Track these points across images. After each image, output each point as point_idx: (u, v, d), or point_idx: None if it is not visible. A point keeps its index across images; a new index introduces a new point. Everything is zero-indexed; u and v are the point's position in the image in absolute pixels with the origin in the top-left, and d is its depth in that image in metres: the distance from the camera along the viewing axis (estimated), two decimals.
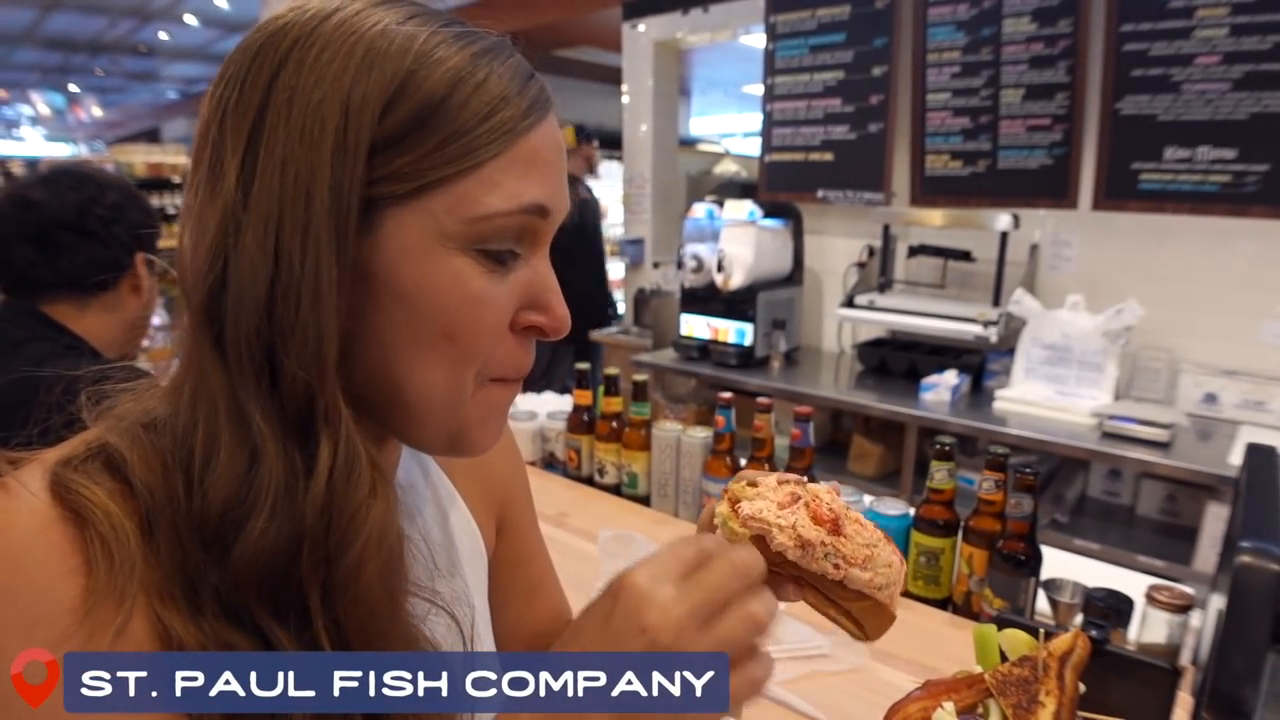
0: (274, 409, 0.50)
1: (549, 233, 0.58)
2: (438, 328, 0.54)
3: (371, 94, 0.51)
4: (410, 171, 0.51)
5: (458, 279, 0.53)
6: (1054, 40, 2.87)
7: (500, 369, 0.58)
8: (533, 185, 0.55)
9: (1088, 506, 2.81)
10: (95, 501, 0.48)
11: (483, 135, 0.52)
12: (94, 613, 0.45)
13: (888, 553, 0.60)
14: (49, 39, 8.33)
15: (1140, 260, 2.89)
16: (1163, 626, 1.15)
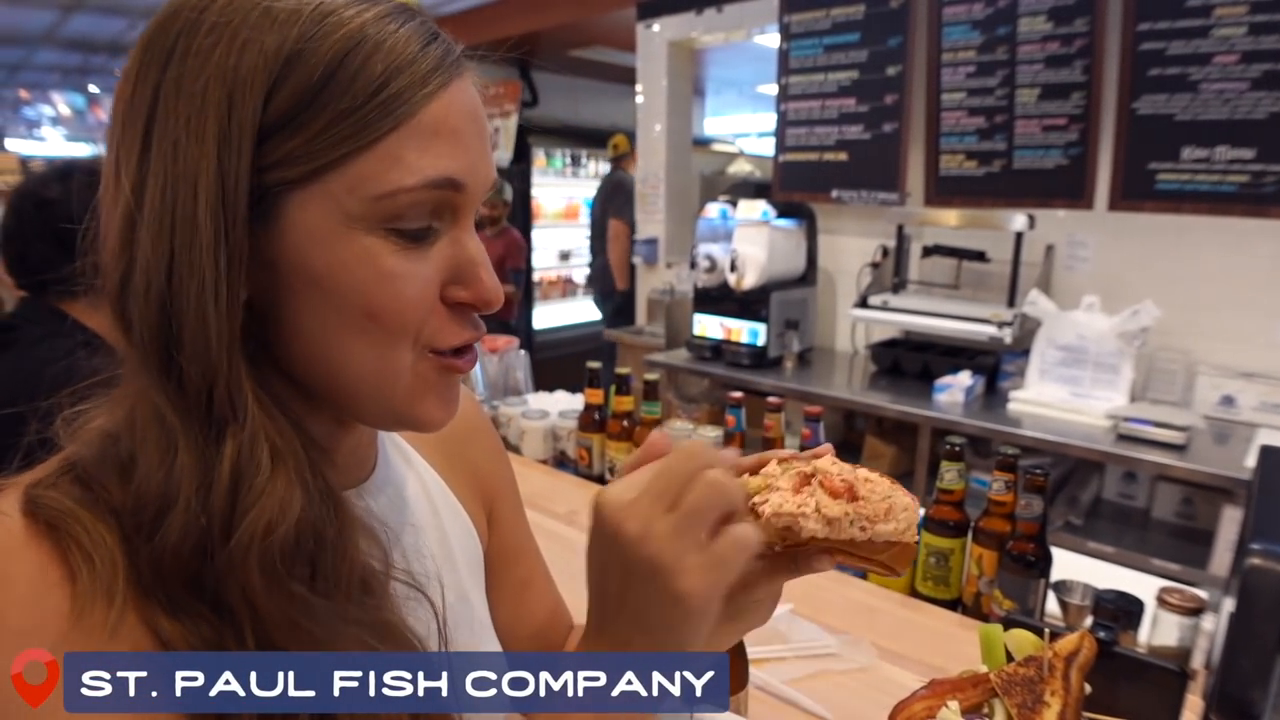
0: (181, 403, 0.49)
1: (469, 205, 0.56)
2: (357, 308, 0.52)
3: (254, 76, 0.49)
4: (303, 154, 0.50)
5: (368, 258, 0.52)
6: (1070, 39, 2.85)
7: (436, 340, 0.56)
8: (438, 157, 0.52)
9: (1102, 509, 2.79)
10: (66, 511, 0.48)
11: (375, 109, 0.50)
12: (85, 616, 0.46)
13: (902, 498, 0.60)
14: (69, 40, 8.41)
15: (1157, 261, 2.87)
16: (1174, 629, 1.14)
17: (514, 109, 6.04)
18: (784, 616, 1.27)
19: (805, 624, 1.26)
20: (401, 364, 0.55)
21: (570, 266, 7.33)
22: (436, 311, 0.55)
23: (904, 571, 0.63)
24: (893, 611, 1.36)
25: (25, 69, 10.23)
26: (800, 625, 1.26)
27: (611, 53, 5.82)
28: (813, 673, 1.16)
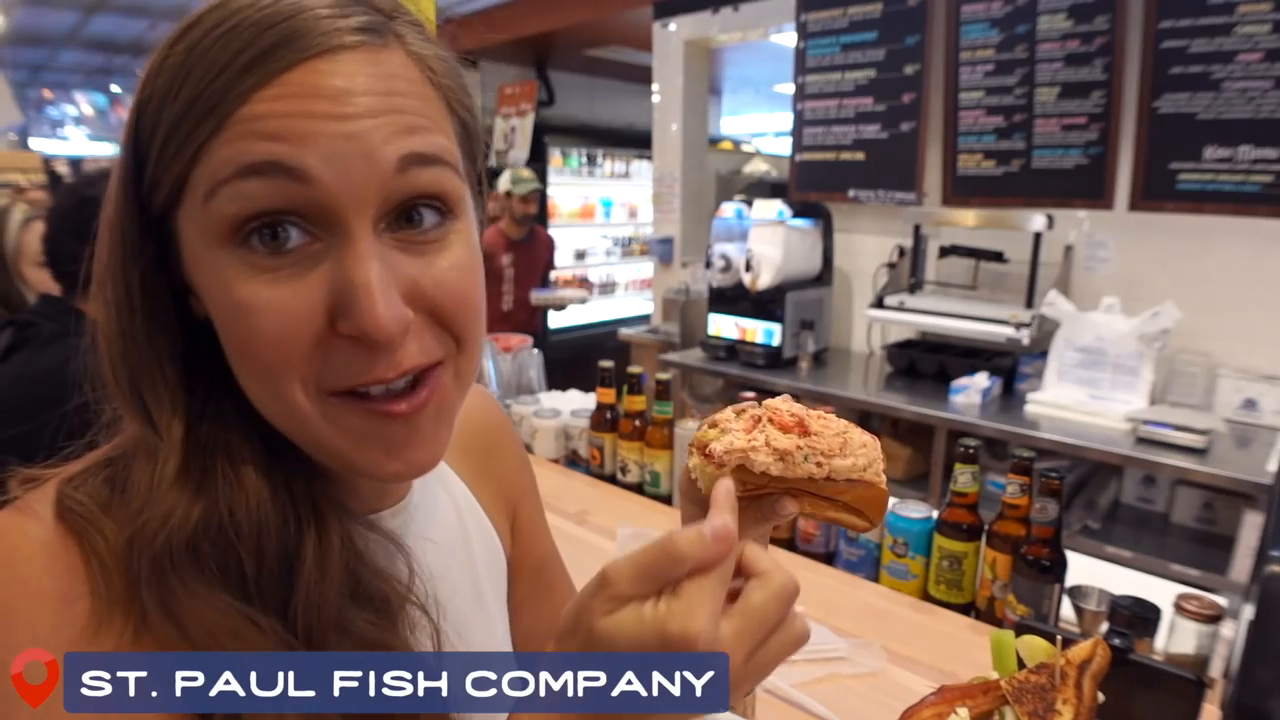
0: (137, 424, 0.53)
1: (349, 206, 0.47)
2: (232, 342, 0.50)
3: (136, 102, 0.50)
4: (159, 179, 0.49)
5: (223, 285, 0.48)
6: (1090, 37, 2.82)
7: (326, 381, 0.50)
8: (260, 140, 0.46)
9: (1121, 513, 2.76)
10: (89, 518, 0.49)
11: (194, 115, 0.46)
12: (105, 628, 0.46)
13: (859, 434, 0.59)
14: (92, 41, 8.50)
15: (1178, 262, 2.83)
16: (1191, 637, 1.12)
17: (530, 108, 6.04)
18: None
19: (815, 626, 1.25)
20: (299, 406, 0.50)
21: (586, 266, 7.34)
22: (324, 347, 0.49)
23: (877, 520, 0.61)
24: (904, 615, 1.34)
25: (49, 69, 10.36)
26: (810, 628, 1.24)
27: (628, 52, 5.81)
28: (822, 676, 1.15)
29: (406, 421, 0.52)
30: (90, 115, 11.99)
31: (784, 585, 0.50)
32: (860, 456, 0.58)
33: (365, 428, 0.51)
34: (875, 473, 0.58)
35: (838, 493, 0.59)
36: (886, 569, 1.46)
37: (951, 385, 2.88)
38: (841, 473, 0.57)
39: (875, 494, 0.59)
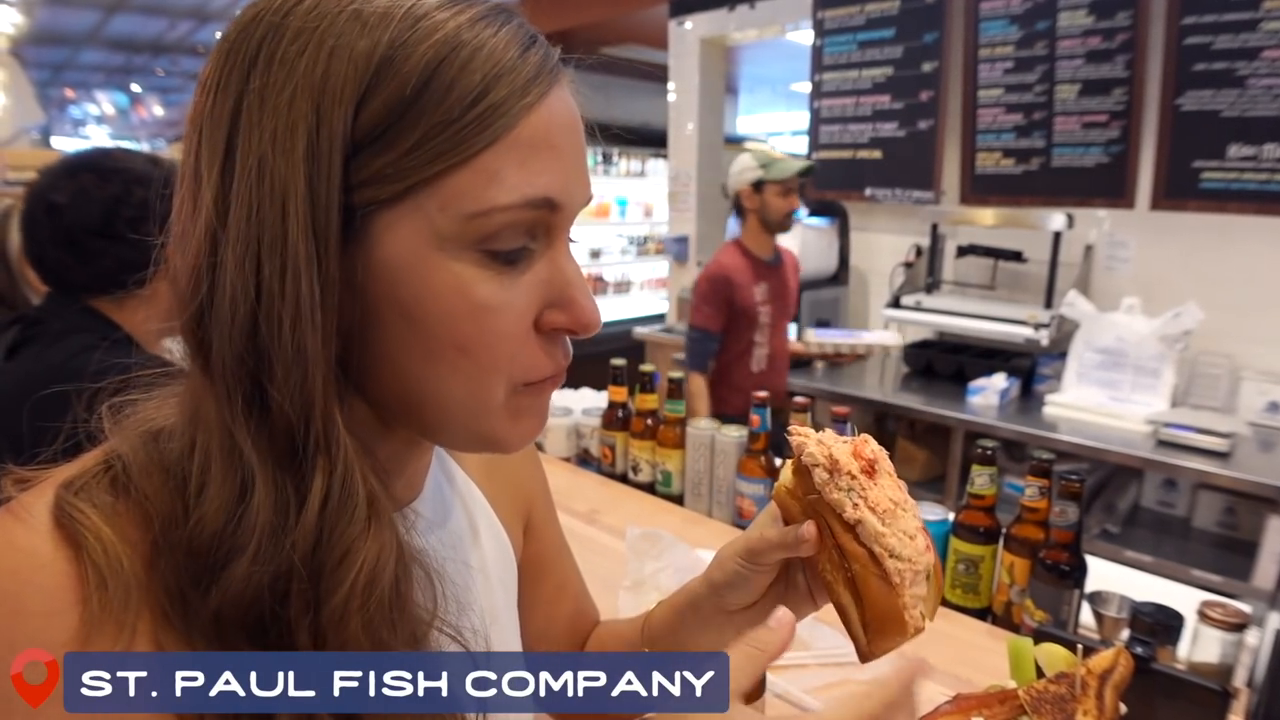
0: (264, 439, 0.46)
1: (565, 225, 0.52)
2: (447, 341, 0.49)
3: (344, 87, 0.45)
4: (393, 172, 0.46)
5: (460, 287, 0.48)
6: (1112, 34, 2.78)
7: (530, 374, 0.53)
8: (538, 174, 0.48)
9: (1141, 517, 2.71)
10: (89, 527, 0.46)
11: (473, 121, 0.46)
12: (93, 642, 0.44)
13: (916, 529, 0.57)
14: (112, 40, 8.58)
15: (1200, 262, 2.78)
16: (1215, 645, 1.09)
17: None
18: (806, 622, 1.23)
19: (828, 630, 1.23)
20: (494, 398, 0.52)
21: (601, 265, 7.33)
22: (530, 341, 0.52)
23: (877, 649, 0.59)
24: None
25: (70, 68, 10.47)
26: (822, 631, 1.22)
27: (644, 50, 5.79)
28: (833, 681, 1.13)
29: (548, 399, 0.56)
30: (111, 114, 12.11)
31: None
32: (899, 541, 0.56)
33: (532, 407, 0.55)
34: (901, 577, 0.56)
35: (854, 559, 0.57)
36: None
37: (969, 386, 2.85)
38: (869, 533, 0.56)
39: (891, 621, 0.57)
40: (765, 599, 0.69)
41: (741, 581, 0.68)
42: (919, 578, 0.57)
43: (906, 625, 0.57)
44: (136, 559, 0.46)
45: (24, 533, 0.46)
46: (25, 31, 7.77)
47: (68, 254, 1.33)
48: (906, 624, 0.57)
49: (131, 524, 0.47)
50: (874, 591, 0.57)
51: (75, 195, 1.32)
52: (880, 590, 0.56)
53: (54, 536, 0.46)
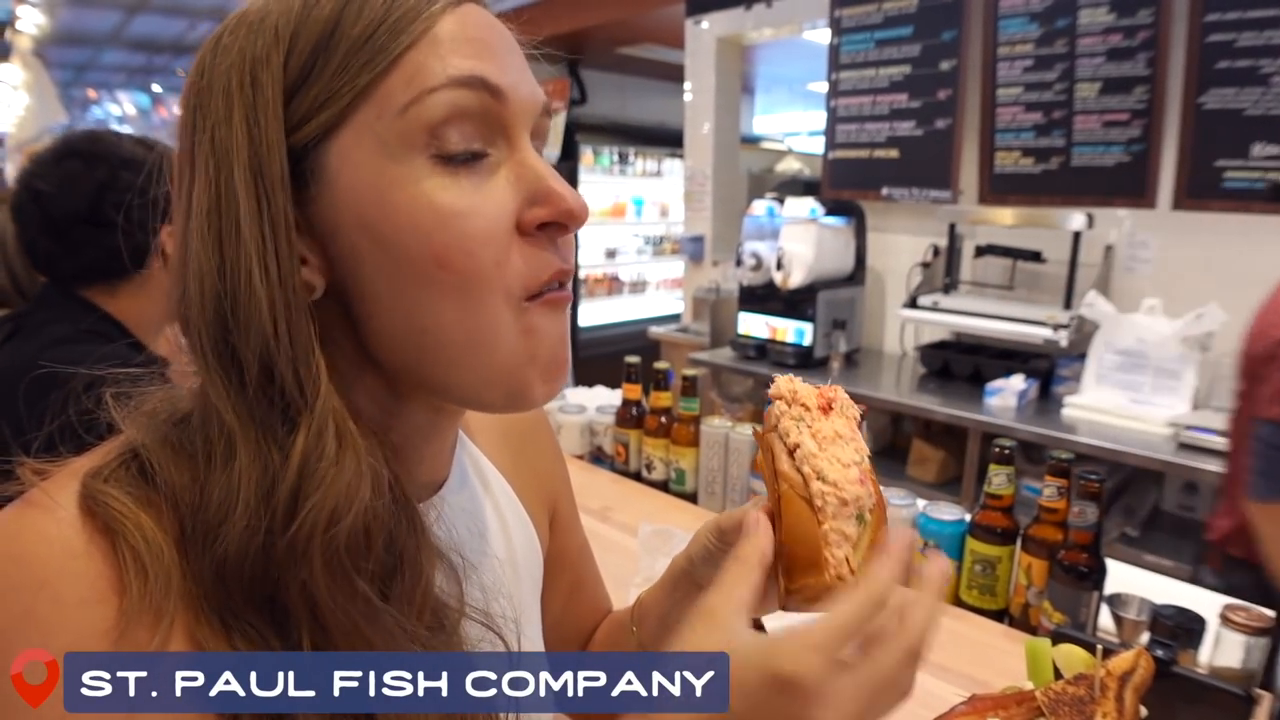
0: (243, 402, 0.47)
1: (519, 121, 0.52)
2: (425, 258, 0.48)
3: (270, 47, 0.48)
4: (326, 97, 0.48)
5: (422, 197, 0.48)
6: (1133, 31, 2.75)
7: (527, 281, 0.51)
8: (464, 58, 0.49)
9: (1161, 521, 2.68)
10: (126, 514, 0.46)
11: (386, 31, 0.48)
12: (128, 635, 0.43)
13: (853, 463, 0.56)
14: (134, 41, 8.66)
15: (1223, 262, 2.74)
16: (1238, 649, 1.07)
17: (562, 106, 6.05)
18: None
19: None
20: (496, 317, 0.50)
21: (616, 265, 7.33)
22: (515, 245, 0.51)
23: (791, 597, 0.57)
24: None
25: (92, 69, 10.58)
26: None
27: (660, 50, 5.78)
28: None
29: (563, 316, 0.55)
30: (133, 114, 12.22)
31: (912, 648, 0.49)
32: (829, 465, 0.55)
33: (546, 329, 0.53)
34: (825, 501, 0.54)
35: (785, 485, 0.56)
36: None
37: (986, 387, 2.82)
38: (802, 455, 0.56)
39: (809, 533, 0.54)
40: None
41: (712, 557, 0.67)
42: (845, 511, 0.54)
43: (825, 562, 0.53)
44: (171, 545, 0.46)
45: (53, 523, 0.45)
46: (48, 32, 7.86)
47: (56, 243, 1.30)
48: (825, 561, 0.53)
49: (161, 512, 0.47)
50: (795, 515, 0.55)
51: (61, 182, 1.28)
52: (803, 513, 0.55)
53: (86, 526, 0.45)
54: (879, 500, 0.57)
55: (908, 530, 0.49)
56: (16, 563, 0.44)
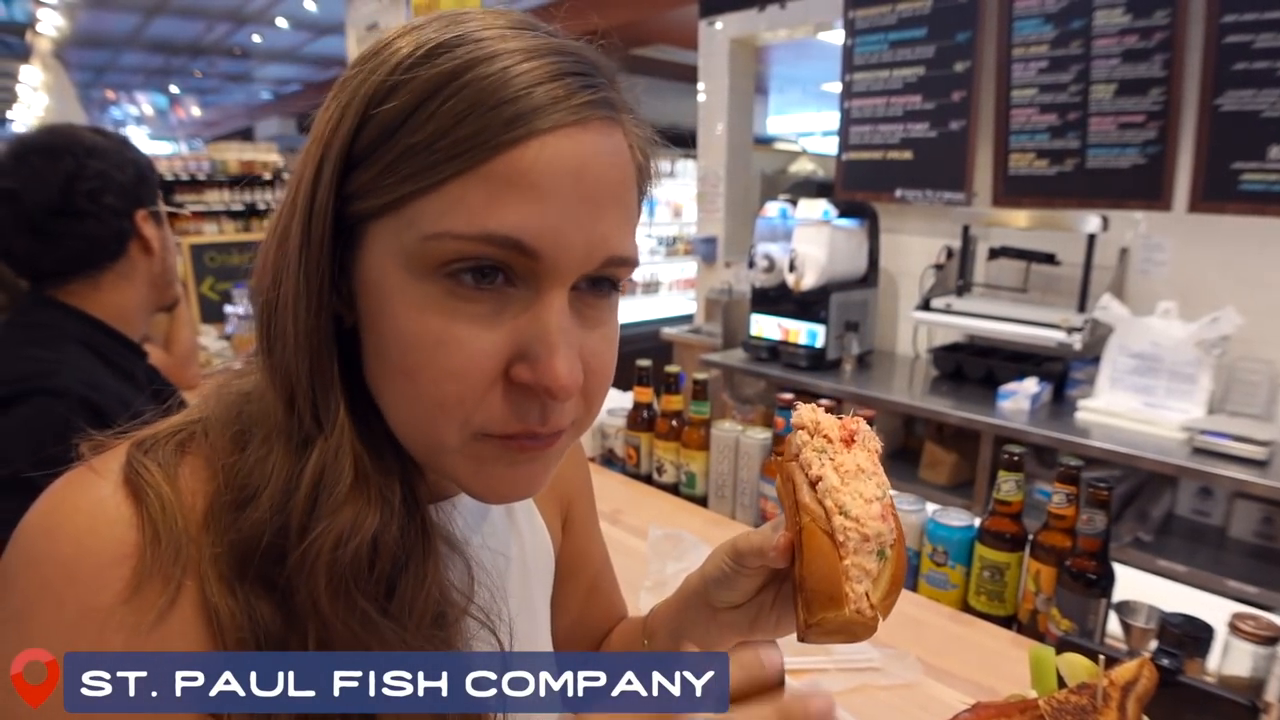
0: (283, 410, 0.52)
1: (553, 275, 0.49)
2: (397, 363, 0.50)
3: (358, 103, 0.49)
4: (373, 188, 0.49)
5: (414, 314, 0.48)
6: (1149, 32, 2.73)
7: (487, 425, 0.50)
8: (507, 211, 0.47)
9: (1175, 526, 2.66)
10: (152, 484, 0.49)
11: (445, 148, 0.47)
12: (138, 595, 0.47)
13: (875, 498, 0.57)
14: (152, 43, 8.75)
15: (1239, 265, 2.72)
16: (1246, 658, 1.06)
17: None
18: None
19: None
20: (445, 437, 0.51)
21: None
22: (498, 388, 0.49)
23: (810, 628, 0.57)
24: (942, 626, 1.30)
25: (111, 70, 10.67)
26: None
27: (674, 50, 5.79)
28: (854, 686, 1.12)
29: (531, 459, 0.53)
30: (151, 115, 12.33)
31: None
32: (850, 500, 0.56)
33: (491, 459, 0.52)
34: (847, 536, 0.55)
35: (808, 518, 0.57)
36: (925, 578, 1.42)
37: (999, 390, 2.81)
38: (824, 489, 0.56)
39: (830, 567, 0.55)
40: (754, 603, 0.68)
41: (728, 580, 0.67)
42: (866, 546, 0.55)
43: (845, 597, 0.54)
44: (193, 515, 0.50)
45: (102, 486, 0.50)
46: (68, 35, 7.94)
47: (33, 240, 1.28)
48: (846, 596, 0.54)
49: (197, 479, 0.51)
50: (816, 549, 0.56)
51: (28, 179, 1.27)
52: (824, 548, 0.55)
53: (120, 492, 0.49)
54: (899, 535, 0.58)
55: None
56: (48, 536, 0.48)
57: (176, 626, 0.48)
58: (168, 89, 11.83)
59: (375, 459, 0.52)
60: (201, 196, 6.62)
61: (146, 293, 1.42)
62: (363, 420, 0.53)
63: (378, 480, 0.52)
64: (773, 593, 0.68)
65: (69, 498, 0.49)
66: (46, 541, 0.47)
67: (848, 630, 0.56)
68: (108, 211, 1.31)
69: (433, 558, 0.54)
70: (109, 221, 1.32)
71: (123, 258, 1.36)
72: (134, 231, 1.36)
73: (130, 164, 1.36)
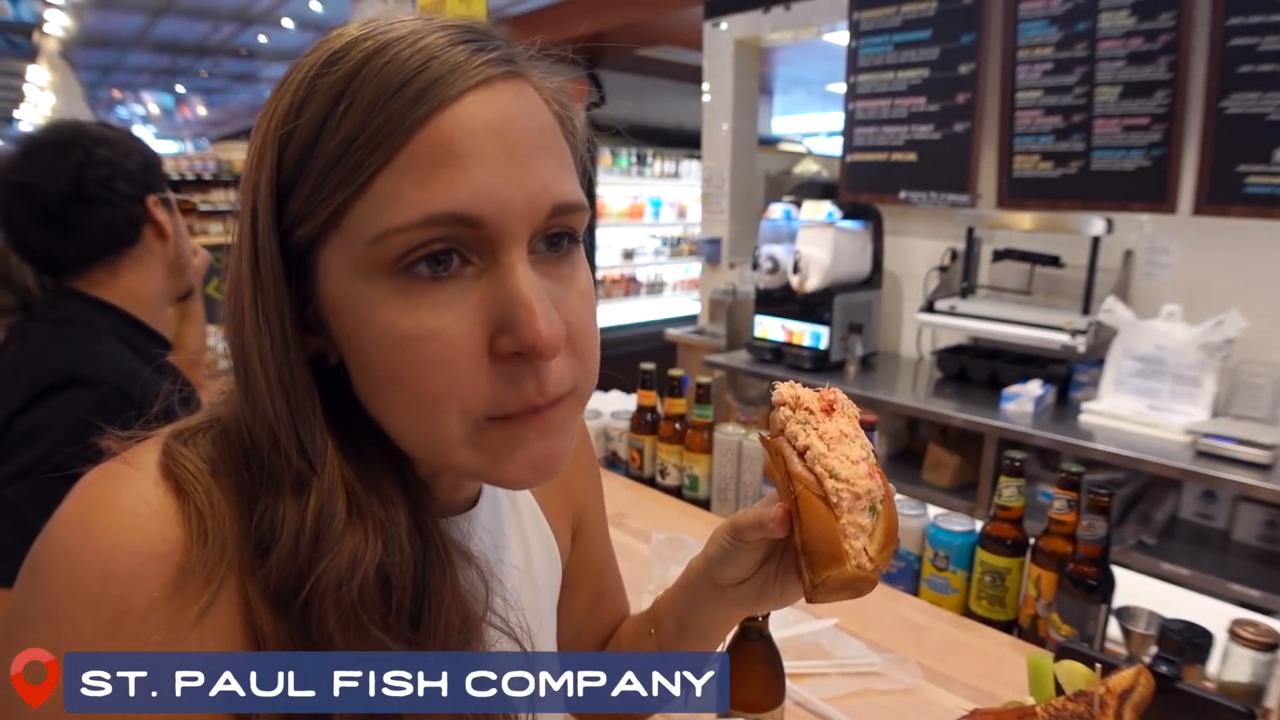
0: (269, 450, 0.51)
1: (507, 238, 0.48)
2: (383, 375, 0.49)
3: (267, 142, 0.49)
4: (308, 211, 0.48)
5: (383, 319, 0.48)
6: (1154, 35, 2.73)
7: (489, 407, 0.49)
8: (441, 189, 0.46)
9: (1179, 529, 2.66)
10: (196, 475, 0.49)
11: (361, 147, 0.46)
12: (180, 593, 0.46)
13: (861, 458, 0.60)
14: (158, 43, 8.78)
15: (1244, 268, 2.72)
16: (1246, 665, 1.07)
17: (579, 108, 6.06)
18: (827, 631, 1.23)
19: (849, 640, 1.22)
20: (450, 433, 0.49)
21: (634, 265, 7.34)
22: (484, 367, 0.48)
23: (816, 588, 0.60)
24: (943, 631, 1.30)
25: (117, 70, 10.70)
26: (844, 641, 1.22)
27: (679, 51, 5.79)
28: (854, 691, 1.13)
29: (538, 429, 0.51)
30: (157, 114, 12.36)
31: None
32: (839, 463, 0.59)
33: (504, 445, 0.51)
34: (840, 497, 0.58)
35: (801, 486, 0.60)
36: (927, 582, 1.42)
37: (1003, 393, 2.81)
38: (813, 456, 0.60)
39: (828, 529, 0.58)
40: (758, 575, 0.71)
41: (729, 557, 0.69)
42: (859, 504, 0.59)
43: (845, 555, 0.57)
44: (234, 514, 0.49)
45: (140, 479, 0.48)
46: (74, 35, 7.96)
47: (51, 230, 1.30)
48: (845, 553, 0.57)
49: (230, 477, 0.50)
50: (813, 512, 0.59)
51: (40, 171, 1.29)
52: (819, 511, 0.59)
53: (160, 485, 0.48)
54: (887, 490, 0.61)
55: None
56: (86, 530, 0.47)
57: (219, 625, 0.47)
58: (174, 89, 11.86)
59: (372, 491, 0.52)
60: (207, 196, 6.65)
61: (163, 277, 1.44)
62: (355, 454, 0.52)
63: (377, 513, 0.51)
64: (775, 564, 0.70)
65: (107, 492, 0.48)
66: (84, 535, 0.46)
67: (852, 585, 0.59)
68: (120, 197, 1.34)
69: (450, 575, 0.54)
70: (122, 207, 1.35)
71: (139, 243, 1.39)
72: (147, 216, 1.39)
73: (136, 152, 1.38)
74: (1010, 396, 2.77)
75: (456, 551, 0.57)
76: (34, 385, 1.18)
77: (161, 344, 1.44)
